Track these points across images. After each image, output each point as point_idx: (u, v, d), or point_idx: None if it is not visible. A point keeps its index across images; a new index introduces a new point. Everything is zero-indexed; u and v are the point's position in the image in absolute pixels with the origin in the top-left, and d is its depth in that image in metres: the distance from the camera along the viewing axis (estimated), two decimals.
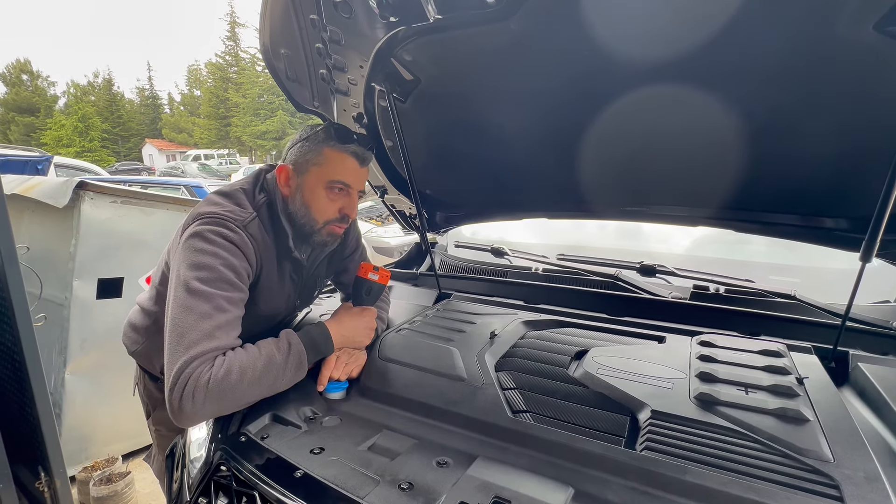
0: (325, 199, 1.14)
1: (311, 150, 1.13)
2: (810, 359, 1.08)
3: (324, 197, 1.14)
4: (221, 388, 0.88)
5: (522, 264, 1.89)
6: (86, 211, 2.24)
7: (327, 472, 0.78)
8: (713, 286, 1.47)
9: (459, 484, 0.73)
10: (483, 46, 1.18)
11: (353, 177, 1.15)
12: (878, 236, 0.94)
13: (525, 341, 1.23)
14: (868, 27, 0.82)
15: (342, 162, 1.13)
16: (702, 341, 1.16)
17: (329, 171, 1.13)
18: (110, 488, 2.13)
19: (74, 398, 2.29)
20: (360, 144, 1.15)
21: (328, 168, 1.13)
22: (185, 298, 0.95)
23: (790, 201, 1.30)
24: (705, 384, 0.94)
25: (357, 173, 1.16)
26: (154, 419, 1.36)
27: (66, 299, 2.25)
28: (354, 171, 1.15)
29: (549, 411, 0.92)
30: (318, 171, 1.13)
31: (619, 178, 1.51)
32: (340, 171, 1.13)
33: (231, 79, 36.06)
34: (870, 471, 0.70)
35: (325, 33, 1.25)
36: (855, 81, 0.96)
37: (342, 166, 1.13)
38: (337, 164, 1.13)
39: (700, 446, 0.78)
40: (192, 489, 0.89)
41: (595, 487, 0.73)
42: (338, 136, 1.13)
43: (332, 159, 1.13)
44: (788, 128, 1.13)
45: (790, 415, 0.82)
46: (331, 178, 1.13)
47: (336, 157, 1.13)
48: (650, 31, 1.02)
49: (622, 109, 1.25)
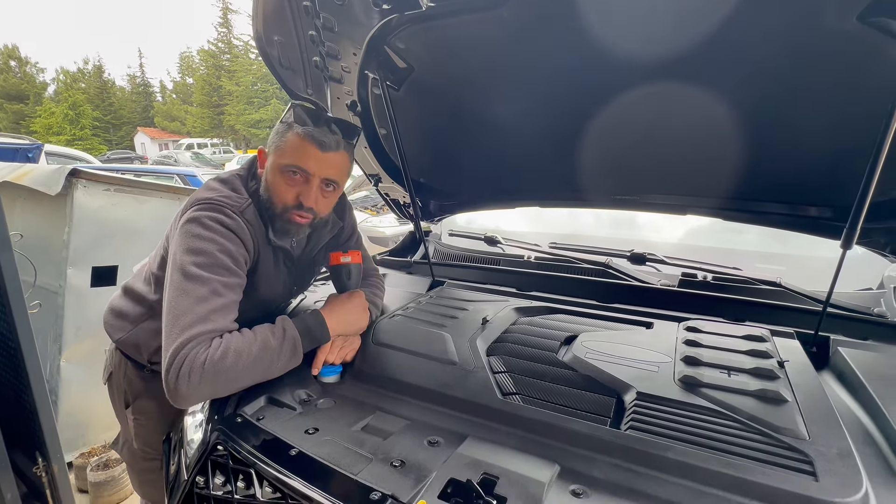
0: (282, 185, 1.10)
1: (279, 133, 1.10)
2: (792, 343, 1.11)
3: (281, 182, 1.10)
4: (217, 370, 0.89)
5: (515, 252, 1.91)
6: (79, 199, 2.23)
7: (321, 451, 0.80)
8: (701, 274, 1.50)
9: (449, 462, 0.76)
10: (476, 35, 1.18)
11: (311, 162, 1.08)
12: (858, 224, 0.97)
13: (516, 327, 1.25)
14: (852, 18, 0.84)
15: (299, 146, 1.07)
16: (688, 327, 1.19)
17: (285, 155, 1.08)
18: (107, 474, 2.16)
19: (70, 385, 2.30)
20: (328, 128, 1.08)
21: (286, 152, 1.08)
22: (181, 282, 0.96)
23: (777, 191, 1.32)
24: (690, 367, 0.97)
25: (318, 159, 1.08)
26: (134, 409, 1.34)
27: (61, 287, 2.25)
28: (314, 157, 1.08)
29: (538, 393, 0.95)
30: (278, 154, 1.09)
31: (610, 167, 1.53)
32: (296, 155, 1.08)
33: (224, 66, 35.62)
34: (843, 447, 0.73)
35: (319, 20, 1.25)
36: (840, 73, 0.98)
37: (298, 151, 1.07)
38: (294, 147, 1.08)
39: (682, 425, 0.80)
40: (189, 468, 0.92)
41: (581, 465, 0.76)
42: (296, 118, 1.08)
43: (291, 143, 1.08)
44: (776, 118, 1.15)
45: (769, 396, 0.85)
46: (285, 161, 1.08)
47: (295, 140, 1.08)
48: (641, 23, 1.04)
49: (614, 100, 1.26)
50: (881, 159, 0.90)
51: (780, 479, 0.67)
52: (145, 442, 1.36)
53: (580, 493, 0.70)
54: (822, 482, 0.66)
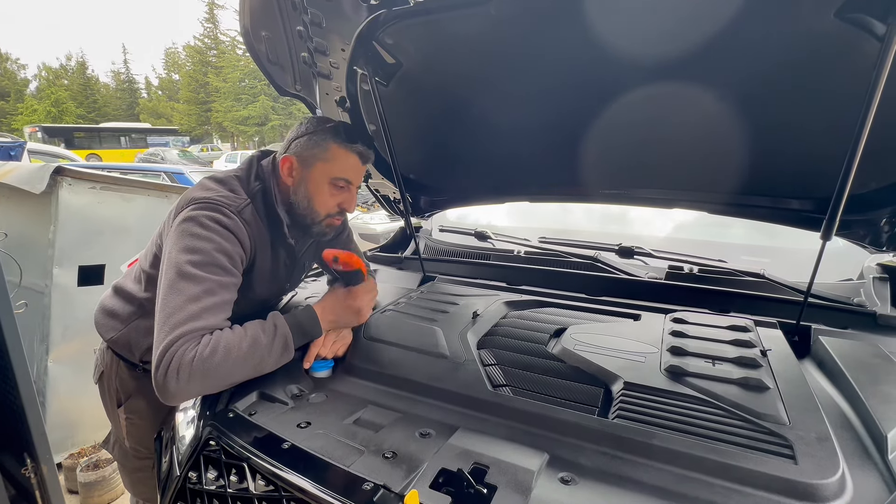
0: (327, 194, 1.19)
1: (318, 146, 1.17)
2: (775, 333, 1.14)
3: (327, 192, 1.19)
4: (206, 367, 0.89)
5: (505, 247, 1.92)
6: (64, 197, 2.20)
7: (314, 444, 0.81)
8: (687, 266, 1.53)
9: (441, 452, 0.77)
10: (464, 30, 1.19)
11: (355, 174, 1.22)
12: (836, 216, 0.99)
13: (506, 320, 1.27)
14: (830, 15, 0.86)
15: (347, 160, 1.18)
16: (674, 318, 1.21)
17: (335, 168, 1.18)
18: (97, 474, 2.14)
19: (58, 386, 2.28)
20: (363, 144, 1.21)
21: (335, 165, 1.17)
22: (175, 280, 0.96)
23: (760, 184, 1.35)
24: (675, 357, 0.99)
25: (359, 171, 1.23)
26: (127, 408, 1.34)
27: (47, 287, 2.22)
28: (357, 169, 1.21)
29: (528, 385, 0.96)
30: (325, 166, 1.17)
31: (598, 162, 1.54)
32: (346, 168, 1.19)
33: (211, 62, 35.15)
34: (821, 432, 0.75)
35: (306, 16, 1.25)
36: (820, 69, 1.00)
37: (347, 164, 1.19)
38: (343, 161, 1.18)
39: (668, 413, 0.82)
40: (181, 464, 0.92)
41: (569, 453, 0.78)
42: (346, 136, 1.19)
43: (339, 157, 1.17)
44: (760, 114, 1.17)
45: (752, 384, 0.87)
46: (336, 174, 1.18)
47: (343, 154, 1.18)
48: (626, 19, 1.05)
49: (602, 96, 1.28)
50: (858, 152, 0.92)
51: (760, 463, 0.70)
52: (137, 441, 1.35)
53: (569, 481, 0.71)
54: (800, 465, 0.69)
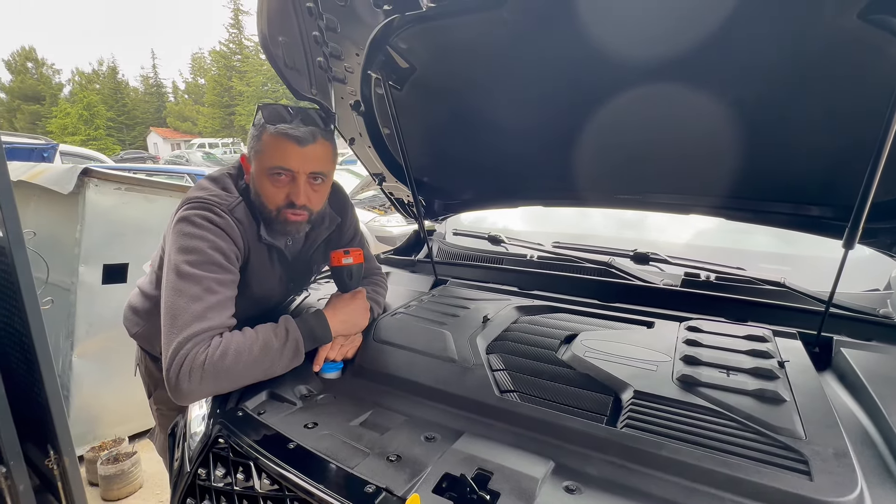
0: (270, 187, 1.10)
1: (255, 137, 1.10)
2: (794, 344, 1.10)
3: (268, 185, 1.10)
4: (217, 369, 0.91)
5: (518, 252, 1.91)
6: (90, 197, 2.28)
7: (320, 445, 0.82)
8: (704, 273, 1.49)
9: (445, 457, 0.77)
10: (477, 35, 1.19)
11: (293, 160, 1.07)
12: (860, 224, 0.95)
13: (517, 325, 1.26)
14: (852, 16, 0.83)
15: (277, 146, 1.07)
16: (689, 326, 1.18)
17: (266, 159, 1.08)
18: (117, 467, 2.20)
19: (82, 381, 2.35)
20: (301, 122, 1.08)
21: (265, 155, 1.08)
22: (175, 282, 0.98)
23: (780, 190, 1.31)
24: (688, 366, 0.96)
25: (298, 156, 1.07)
26: (155, 398, 1.40)
27: (73, 284, 2.30)
28: (295, 154, 1.07)
29: (536, 391, 0.95)
30: (260, 158, 1.09)
31: (613, 166, 1.53)
32: (277, 156, 1.07)
33: (235, 67, 35.97)
34: (839, 447, 0.73)
35: (322, 21, 1.27)
36: (841, 71, 0.97)
37: (277, 151, 1.07)
38: (273, 149, 1.07)
39: (678, 424, 0.80)
40: (191, 461, 0.94)
41: (575, 461, 0.76)
42: (267, 118, 1.08)
43: (268, 145, 1.08)
44: (778, 118, 1.14)
45: (767, 395, 0.85)
46: (269, 164, 1.08)
47: (271, 141, 1.07)
48: (643, 22, 1.03)
49: (617, 100, 1.26)
50: (882, 158, 0.89)
51: (773, 478, 0.67)
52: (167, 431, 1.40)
53: (573, 490, 0.70)
54: (816, 481, 0.66)
